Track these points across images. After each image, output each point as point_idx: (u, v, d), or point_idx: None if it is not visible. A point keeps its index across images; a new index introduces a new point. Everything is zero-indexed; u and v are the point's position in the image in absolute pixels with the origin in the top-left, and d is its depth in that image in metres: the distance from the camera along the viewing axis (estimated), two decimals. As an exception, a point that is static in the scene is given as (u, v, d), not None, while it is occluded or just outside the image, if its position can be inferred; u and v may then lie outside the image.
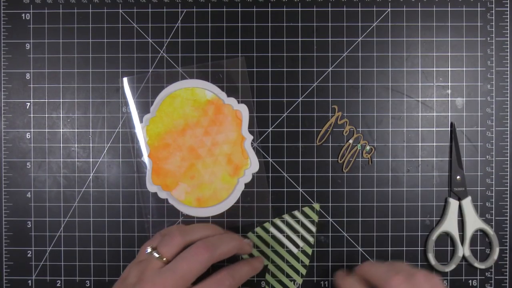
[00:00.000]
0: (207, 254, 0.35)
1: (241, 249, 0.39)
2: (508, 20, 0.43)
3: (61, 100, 0.43)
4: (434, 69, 0.43)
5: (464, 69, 0.43)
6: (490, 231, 0.42)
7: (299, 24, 0.43)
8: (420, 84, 0.43)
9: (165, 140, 0.41)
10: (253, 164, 0.42)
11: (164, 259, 0.36)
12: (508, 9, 0.43)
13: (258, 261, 0.40)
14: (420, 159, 0.43)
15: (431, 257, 0.42)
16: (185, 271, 0.34)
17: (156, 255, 0.36)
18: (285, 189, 0.43)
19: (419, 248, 0.43)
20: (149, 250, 0.36)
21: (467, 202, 0.42)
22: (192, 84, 0.42)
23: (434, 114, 0.43)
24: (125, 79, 0.42)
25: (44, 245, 0.42)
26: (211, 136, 0.41)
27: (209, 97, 0.42)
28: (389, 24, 0.43)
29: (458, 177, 0.42)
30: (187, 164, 0.41)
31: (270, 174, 0.42)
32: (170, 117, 0.42)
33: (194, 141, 0.41)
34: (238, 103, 0.42)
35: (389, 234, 0.42)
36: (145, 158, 0.42)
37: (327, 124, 0.43)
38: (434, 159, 0.43)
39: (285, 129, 0.43)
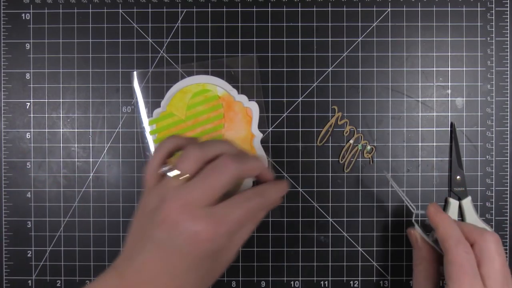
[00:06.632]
0: (234, 165, 0.30)
1: (265, 173, 0.35)
2: (508, 20, 0.43)
3: (61, 100, 0.43)
4: (434, 69, 0.43)
5: (464, 69, 0.43)
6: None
7: (299, 24, 0.43)
8: (420, 84, 0.43)
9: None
10: None
11: (187, 175, 0.30)
12: (508, 9, 0.43)
13: (284, 183, 0.36)
14: (420, 159, 0.43)
15: (431, 257, 0.42)
16: (215, 181, 0.30)
17: (177, 172, 0.30)
18: (285, 189, 0.43)
19: (419, 248, 0.43)
20: (166, 168, 0.31)
21: (467, 202, 0.42)
22: (203, 80, 0.42)
23: (434, 114, 0.43)
24: (135, 73, 0.42)
25: (44, 245, 0.42)
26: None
27: (220, 93, 0.42)
28: (389, 24, 0.43)
29: (458, 177, 0.42)
30: None
31: (270, 174, 0.42)
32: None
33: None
34: (249, 100, 0.42)
35: (389, 234, 0.42)
36: (152, 149, 0.42)
37: (328, 125, 0.43)
38: (434, 159, 0.43)
39: (285, 129, 0.43)
